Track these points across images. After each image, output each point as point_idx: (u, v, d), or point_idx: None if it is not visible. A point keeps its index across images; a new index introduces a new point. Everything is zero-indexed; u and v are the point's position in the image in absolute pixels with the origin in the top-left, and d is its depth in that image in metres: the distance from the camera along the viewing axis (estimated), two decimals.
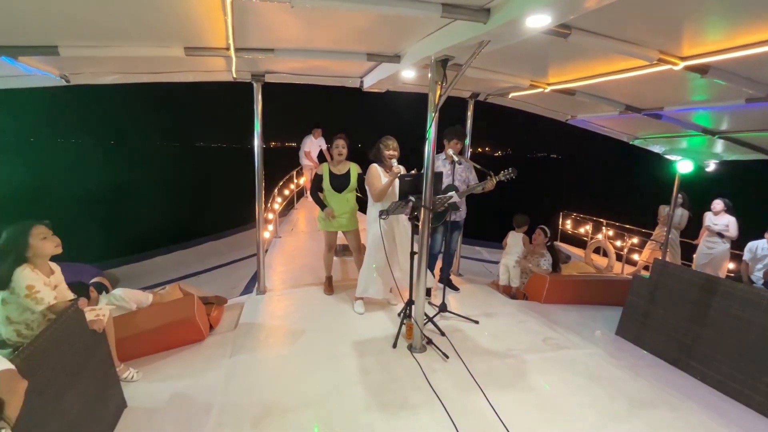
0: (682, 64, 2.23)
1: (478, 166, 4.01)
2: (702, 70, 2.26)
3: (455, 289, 4.41)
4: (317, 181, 3.95)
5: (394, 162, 3.49)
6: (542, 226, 4.70)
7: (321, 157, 8.88)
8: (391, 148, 3.54)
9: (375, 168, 3.58)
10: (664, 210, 6.56)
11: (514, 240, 4.71)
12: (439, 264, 4.52)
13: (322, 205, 3.94)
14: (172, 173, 44.54)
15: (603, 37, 2.08)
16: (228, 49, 2.68)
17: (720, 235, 5.53)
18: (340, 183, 3.88)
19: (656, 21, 1.93)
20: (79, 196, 19.88)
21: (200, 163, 68.10)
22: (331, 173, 3.89)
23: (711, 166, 5.00)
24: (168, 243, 8.47)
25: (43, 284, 2.13)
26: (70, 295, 2.37)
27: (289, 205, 9.09)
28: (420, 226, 2.87)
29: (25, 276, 2.07)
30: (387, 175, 3.52)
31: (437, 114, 2.61)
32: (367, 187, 3.62)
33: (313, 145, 8.65)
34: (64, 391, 1.83)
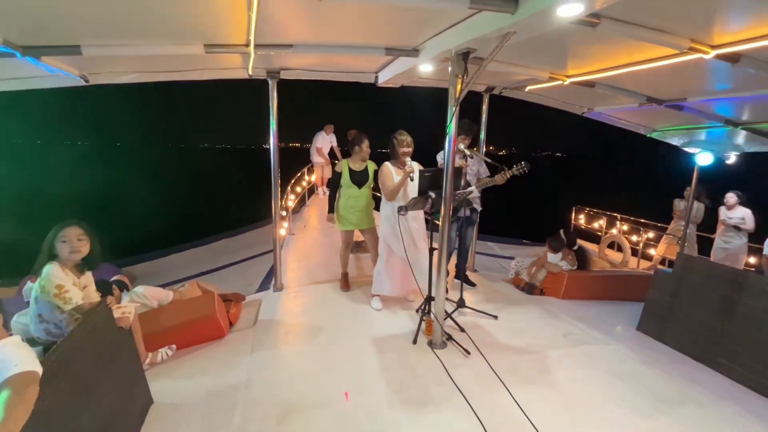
0: (713, 53, 2.16)
1: (489, 160, 3.96)
2: (733, 59, 2.20)
3: (471, 284, 4.38)
4: (336, 178, 3.95)
5: (408, 160, 3.46)
6: (561, 230, 4.57)
7: (330, 155, 8.85)
8: (405, 145, 3.49)
9: (387, 166, 3.57)
10: (679, 204, 6.44)
11: (553, 259, 4.50)
12: (453, 260, 4.49)
13: (332, 207, 4.00)
14: (181, 173, 44.92)
15: (633, 26, 2.02)
16: (248, 45, 2.67)
17: (737, 228, 5.41)
18: (360, 178, 3.90)
19: (688, 8, 1.87)
20: (90, 197, 20.13)
21: (205, 164, 68.48)
22: (351, 169, 3.89)
23: (731, 158, 4.89)
24: (182, 241, 8.55)
25: (72, 284, 2.17)
26: (97, 297, 2.41)
27: (301, 203, 9.11)
28: (440, 222, 2.84)
29: (54, 274, 2.12)
30: (399, 173, 3.50)
31: (458, 108, 2.58)
32: (380, 186, 3.62)
33: (324, 141, 8.60)
34: (94, 387, 1.85)
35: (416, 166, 3.41)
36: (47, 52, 2.46)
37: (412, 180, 3.39)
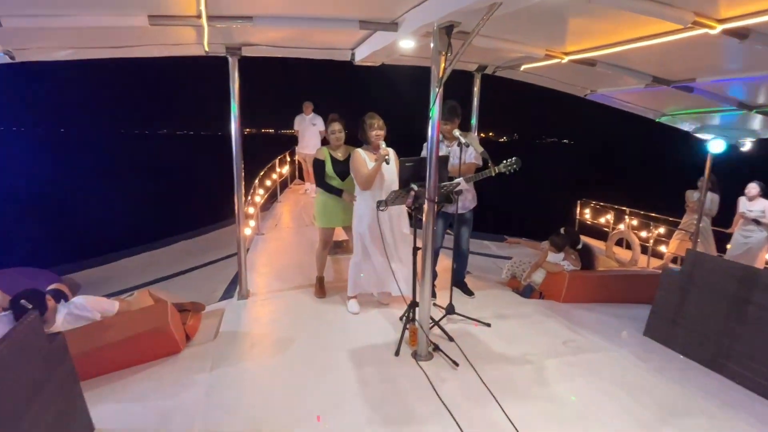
0: (719, 28, 2.21)
1: (482, 149, 3.95)
2: (742, 34, 2.25)
3: (470, 294, 4.29)
4: (319, 167, 3.88)
5: (382, 144, 3.47)
6: (563, 227, 4.62)
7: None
8: (376, 128, 3.49)
9: (359, 153, 3.57)
10: (692, 195, 6.57)
11: (554, 258, 4.53)
12: (443, 263, 4.51)
13: (337, 190, 3.80)
14: (135, 164, 43.98)
15: None
16: (199, 17, 2.62)
17: (756, 222, 5.58)
18: (342, 169, 3.83)
19: None
20: (27, 192, 19.61)
21: (166, 152, 67.08)
22: (333, 159, 3.85)
23: (747, 145, 5.02)
24: (134, 243, 8.39)
25: None
26: None
27: (272, 198, 9.03)
28: (423, 218, 2.85)
29: None
30: (373, 159, 3.51)
31: (442, 89, 2.58)
32: (353, 175, 3.61)
33: (304, 124, 8.36)
34: (21, 414, 1.80)
35: (392, 153, 3.45)
36: None
37: (387, 163, 3.42)
